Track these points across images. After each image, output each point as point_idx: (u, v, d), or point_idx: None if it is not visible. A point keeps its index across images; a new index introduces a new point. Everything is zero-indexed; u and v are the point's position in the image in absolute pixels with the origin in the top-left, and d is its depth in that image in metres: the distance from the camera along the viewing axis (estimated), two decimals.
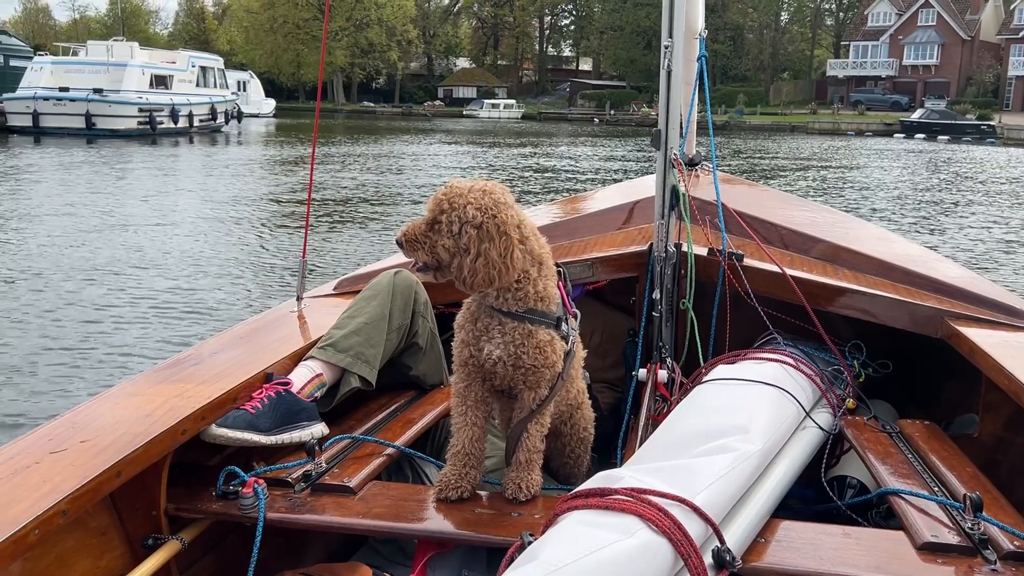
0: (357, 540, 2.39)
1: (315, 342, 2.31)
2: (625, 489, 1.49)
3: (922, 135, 44.14)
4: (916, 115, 47.68)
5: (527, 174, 20.79)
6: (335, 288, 2.95)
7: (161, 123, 34.95)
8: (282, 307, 2.78)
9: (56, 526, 1.50)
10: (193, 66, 40.09)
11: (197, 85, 39.92)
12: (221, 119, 40.91)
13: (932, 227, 13.37)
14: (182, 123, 36.59)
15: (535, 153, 28.36)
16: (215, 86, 42.13)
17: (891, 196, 17.66)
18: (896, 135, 45.23)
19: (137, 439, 1.72)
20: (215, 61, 44.01)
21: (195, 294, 8.18)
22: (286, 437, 2.03)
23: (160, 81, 36.92)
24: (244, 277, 8.97)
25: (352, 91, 78.53)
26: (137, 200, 14.98)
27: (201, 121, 38.53)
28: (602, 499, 1.48)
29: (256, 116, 58.05)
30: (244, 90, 60.44)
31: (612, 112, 63.28)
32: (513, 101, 71.78)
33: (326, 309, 2.68)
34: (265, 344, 2.36)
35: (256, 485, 1.82)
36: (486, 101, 70.55)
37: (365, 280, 2.58)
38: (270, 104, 63.00)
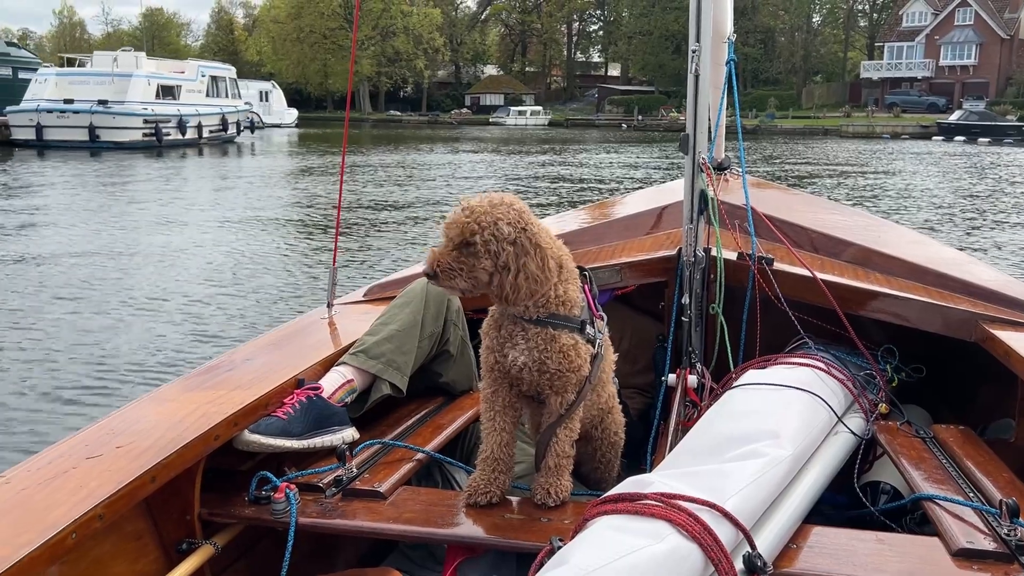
0: (388, 545, 2.42)
1: (346, 348, 2.35)
2: (655, 494, 1.49)
3: (961, 137, 43.30)
4: (954, 117, 46.89)
5: (553, 183, 20.70)
6: (365, 295, 3.00)
7: (168, 134, 34.29)
8: (313, 313, 2.84)
9: (93, 530, 1.54)
10: (203, 76, 39.34)
11: (207, 95, 39.22)
12: (233, 130, 40.23)
13: (978, 234, 12.98)
14: (190, 134, 35.74)
15: (561, 161, 28.29)
16: (227, 96, 41.40)
17: (932, 202, 17.13)
18: (935, 138, 44.45)
19: (171, 444, 1.76)
20: (227, 71, 43.14)
21: (224, 302, 8.31)
22: (317, 441, 2.06)
23: (167, 91, 36.29)
24: (266, 286, 9.07)
25: (379, 100, 79.29)
26: (153, 212, 15.15)
27: (211, 132, 37.87)
28: (632, 504, 1.48)
29: (278, 126, 57.93)
30: (266, 100, 60.56)
31: (640, 118, 63.25)
32: (540, 108, 72.04)
33: (356, 315, 2.73)
34: (296, 350, 2.41)
35: (288, 490, 1.85)
36: (512, 108, 70.87)
37: (394, 287, 2.63)
38: (292, 114, 63.04)
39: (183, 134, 35.43)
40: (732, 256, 2.70)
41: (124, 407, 2.01)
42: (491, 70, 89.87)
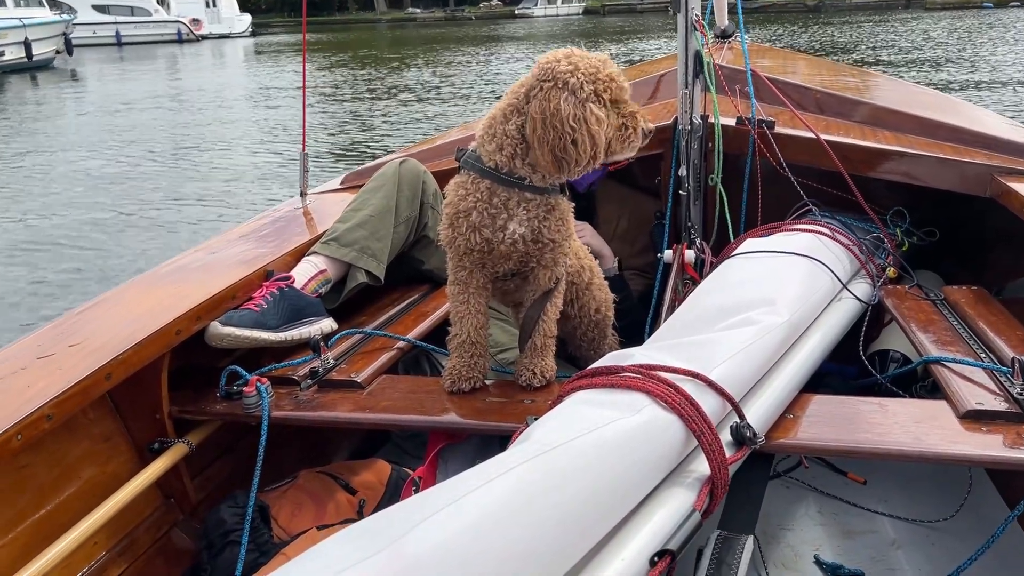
0: (381, 437, 2.53)
1: (319, 237, 2.41)
2: (633, 366, 1.51)
3: None
4: None
5: None
6: (342, 183, 3.06)
7: None
8: (285, 204, 2.89)
9: (41, 431, 1.60)
10: None
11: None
12: (47, 49, 29.66)
13: None
14: None
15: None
16: (25, 4, 31.10)
17: None
18: None
19: (127, 340, 1.82)
20: None
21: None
22: (295, 333, 2.14)
23: None
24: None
25: None
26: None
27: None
28: (608, 377, 1.50)
29: (227, 36, 52.69)
30: (213, 6, 55.22)
31: None
32: None
33: (331, 204, 2.78)
34: (266, 242, 2.46)
35: (259, 384, 1.93)
36: None
37: (373, 173, 2.71)
38: (244, 21, 57.14)
39: None
40: (731, 122, 2.69)
41: (81, 306, 2.07)
42: None
